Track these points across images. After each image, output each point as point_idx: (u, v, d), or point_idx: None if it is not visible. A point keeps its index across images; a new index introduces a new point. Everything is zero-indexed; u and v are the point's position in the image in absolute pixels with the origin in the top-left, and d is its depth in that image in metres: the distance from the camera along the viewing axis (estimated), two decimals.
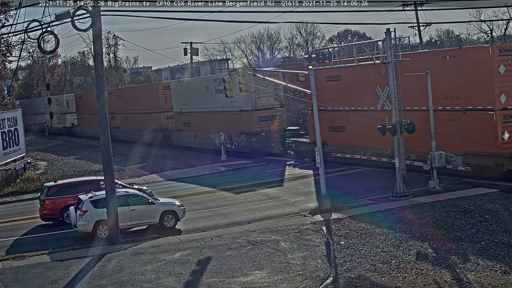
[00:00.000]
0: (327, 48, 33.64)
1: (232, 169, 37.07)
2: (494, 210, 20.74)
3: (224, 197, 28.35)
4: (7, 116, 38.78)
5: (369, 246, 18.23)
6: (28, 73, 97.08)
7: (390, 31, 23.59)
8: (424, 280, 15.08)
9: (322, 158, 23.67)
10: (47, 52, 24.87)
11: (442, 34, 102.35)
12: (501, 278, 14.83)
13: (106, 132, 21.02)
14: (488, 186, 24.30)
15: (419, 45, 55.06)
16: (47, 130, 78.14)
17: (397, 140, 24.05)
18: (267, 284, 15.73)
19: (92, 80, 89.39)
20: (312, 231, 20.50)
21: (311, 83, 24.06)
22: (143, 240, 20.97)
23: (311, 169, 32.76)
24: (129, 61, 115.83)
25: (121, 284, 16.43)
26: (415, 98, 27.23)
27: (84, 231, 21.86)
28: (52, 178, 34.91)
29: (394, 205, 22.98)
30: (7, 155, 38.23)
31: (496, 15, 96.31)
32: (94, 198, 22.05)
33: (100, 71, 21.05)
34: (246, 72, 28.97)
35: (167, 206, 23.02)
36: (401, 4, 51.09)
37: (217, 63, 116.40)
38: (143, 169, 39.40)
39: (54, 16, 20.87)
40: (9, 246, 22.23)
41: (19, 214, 28.25)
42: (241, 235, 20.54)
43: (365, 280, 15.47)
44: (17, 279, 17.56)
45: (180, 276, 16.81)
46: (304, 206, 24.60)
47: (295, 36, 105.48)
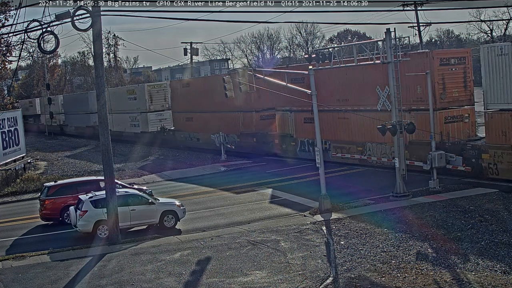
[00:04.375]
0: (327, 48, 33.64)
1: (232, 169, 37.09)
2: (494, 210, 20.74)
3: (224, 197, 28.35)
4: (7, 116, 38.80)
5: (369, 246, 18.23)
6: (28, 73, 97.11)
7: (390, 31, 23.59)
8: (424, 280, 15.08)
9: (322, 158, 23.68)
10: (47, 52, 24.88)
11: (442, 34, 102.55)
12: (501, 278, 14.83)
13: (106, 132, 21.04)
14: (488, 186, 24.29)
15: (419, 45, 55.04)
16: (47, 130, 77.87)
17: (397, 140, 24.06)
18: (267, 284, 15.73)
19: (92, 80, 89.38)
20: (312, 231, 20.50)
21: (311, 83, 24.05)
22: (143, 240, 20.97)
23: (311, 169, 32.71)
24: (129, 61, 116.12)
25: (121, 284, 16.43)
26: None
27: (84, 231, 21.86)
28: (52, 178, 34.92)
29: (394, 205, 22.98)
30: (7, 155, 38.25)
31: (496, 15, 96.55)
32: (94, 198, 22.05)
33: (100, 71, 21.05)
34: (246, 72, 28.95)
35: (167, 206, 23.02)
36: (401, 4, 51.06)
37: (217, 63, 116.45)
38: (143, 169, 39.40)
39: (54, 16, 20.89)
40: (9, 246, 22.22)
41: (19, 214, 28.25)
42: (241, 235, 20.54)
43: (365, 280, 15.48)
44: (17, 279, 17.56)
45: (180, 276, 16.81)
46: (304, 206, 24.58)
47: (295, 36, 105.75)
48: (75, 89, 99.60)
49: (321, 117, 27.95)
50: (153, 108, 54.15)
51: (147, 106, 53.83)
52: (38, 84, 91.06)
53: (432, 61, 27.40)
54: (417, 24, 53.57)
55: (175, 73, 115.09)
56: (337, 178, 29.52)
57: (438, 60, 27.68)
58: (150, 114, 53.79)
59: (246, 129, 41.37)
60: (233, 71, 32.99)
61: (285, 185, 29.83)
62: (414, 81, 27.53)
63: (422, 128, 26.69)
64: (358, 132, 31.82)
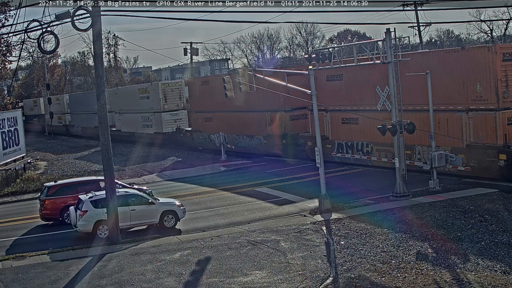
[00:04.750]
0: (327, 48, 33.60)
1: (232, 169, 37.09)
2: (494, 210, 20.74)
3: (224, 197, 28.35)
4: (7, 116, 38.82)
5: (369, 246, 18.23)
6: (28, 73, 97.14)
7: (390, 31, 23.59)
8: (424, 280, 15.08)
9: (322, 158, 23.68)
10: (47, 52, 24.88)
11: (442, 34, 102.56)
12: (501, 278, 14.83)
13: (106, 132, 21.06)
14: (488, 186, 24.29)
15: (419, 45, 55.06)
16: (47, 130, 77.66)
17: (397, 140, 24.06)
18: (267, 284, 15.73)
19: (92, 80, 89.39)
20: (312, 231, 20.49)
21: (311, 83, 24.06)
22: (143, 240, 20.97)
23: (311, 169, 32.72)
24: (129, 61, 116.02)
25: (121, 284, 16.43)
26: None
27: (84, 231, 21.86)
28: (52, 178, 34.92)
29: (394, 205, 22.98)
30: (7, 155, 38.25)
31: (496, 15, 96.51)
32: (94, 198, 22.06)
33: (100, 71, 21.05)
34: (246, 72, 28.96)
35: (167, 206, 23.02)
36: (401, 4, 51.10)
37: (217, 63, 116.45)
38: (143, 169, 39.40)
39: (54, 16, 20.90)
40: (9, 246, 22.22)
41: (19, 214, 28.25)
42: (241, 235, 20.54)
43: (365, 280, 15.48)
44: (17, 279, 17.55)
45: (180, 276, 16.81)
46: (304, 206, 24.59)
47: (295, 36, 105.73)
48: (75, 89, 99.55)
49: (362, 119, 27.43)
50: (168, 107, 51.18)
51: (161, 106, 51.02)
52: (38, 84, 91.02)
53: (495, 56, 24.97)
54: (417, 24, 53.61)
55: (175, 73, 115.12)
56: (337, 178, 29.52)
57: (500, 55, 25.12)
58: (164, 114, 50.93)
59: (274, 130, 38.76)
60: (234, 71, 32.54)
61: (285, 185, 29.83)
62: (473, 78, 25.53)
63: (482, 132, 25.13)
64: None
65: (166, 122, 51.16)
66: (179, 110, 51.69)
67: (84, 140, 65.17)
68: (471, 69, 25.78)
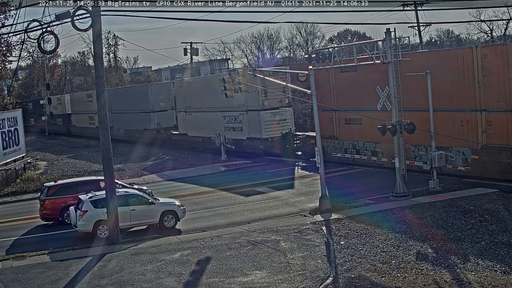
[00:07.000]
0: (327, 48, 33.58)
1: (232, 169, 37.07)
2: (494, 210, 20.74)
3: (224, 197, 28.35)
4: (7, 116, 38.83)
5: (369, 246, 18.23)
6: (28, 73, 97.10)
7: (390, 31, 23.59)
8: (424, 280, 15.08)
9: (322, 158, 23.67)
10: (47, 52, 24.86)
11: (442, 34, 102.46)
12: (501, 278, 14.83)
13: (106, 132, 21.05)
14: (488, 186, 24.29)
15: (419, 45, 55.06)
16: (47, 130, 77.19)
17: (397, 140, 24.05)
18: (267, 284, 15.73)
19: (92, 80, 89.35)
20: (312, 231, 20.49)
21: (311, 83, 24.06)
22: (143, 240, 20.97)
23: (312, 169, 32.74)
24: (129, 61, 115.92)
25: (121, 284, 16.43)
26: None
27: (84, 231, 21.86)
28: (52, 178, 34.92)
29: (394, 205, 22.98)
30: (7, 155, 38.26)
31: (496, 15, 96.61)
32: (94, 198, 22.06)
33: (100, 71, 21.05)
34: (246, 72, 28.94)
35: (167, 206, 23.02)
36: (401, 4, 51.06)
37: (217, 63, 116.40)
38: (143, 169, 39.39)
39: (54, 16, 20.89)
40: (9, 246, 22.23)
41: (19, 214, 28.25)
42: (241, 235, 20.54)
43: (365, 280, 15.47)
44: (17, 279, 17.56)
45: (180, 276, 16.81)
46: (304, 206, 24.60)
47: (295, 36, 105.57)
48: (75, 89, 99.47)
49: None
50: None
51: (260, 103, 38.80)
52: (38, 84, 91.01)
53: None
54: (417, 24, 53.59)
55: (175, 73, 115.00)
56: (337, 178, 29.51)
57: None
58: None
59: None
60: (233, 71, 32.06)
61: (285, 185, 29.84)
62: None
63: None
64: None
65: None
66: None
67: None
68: None
